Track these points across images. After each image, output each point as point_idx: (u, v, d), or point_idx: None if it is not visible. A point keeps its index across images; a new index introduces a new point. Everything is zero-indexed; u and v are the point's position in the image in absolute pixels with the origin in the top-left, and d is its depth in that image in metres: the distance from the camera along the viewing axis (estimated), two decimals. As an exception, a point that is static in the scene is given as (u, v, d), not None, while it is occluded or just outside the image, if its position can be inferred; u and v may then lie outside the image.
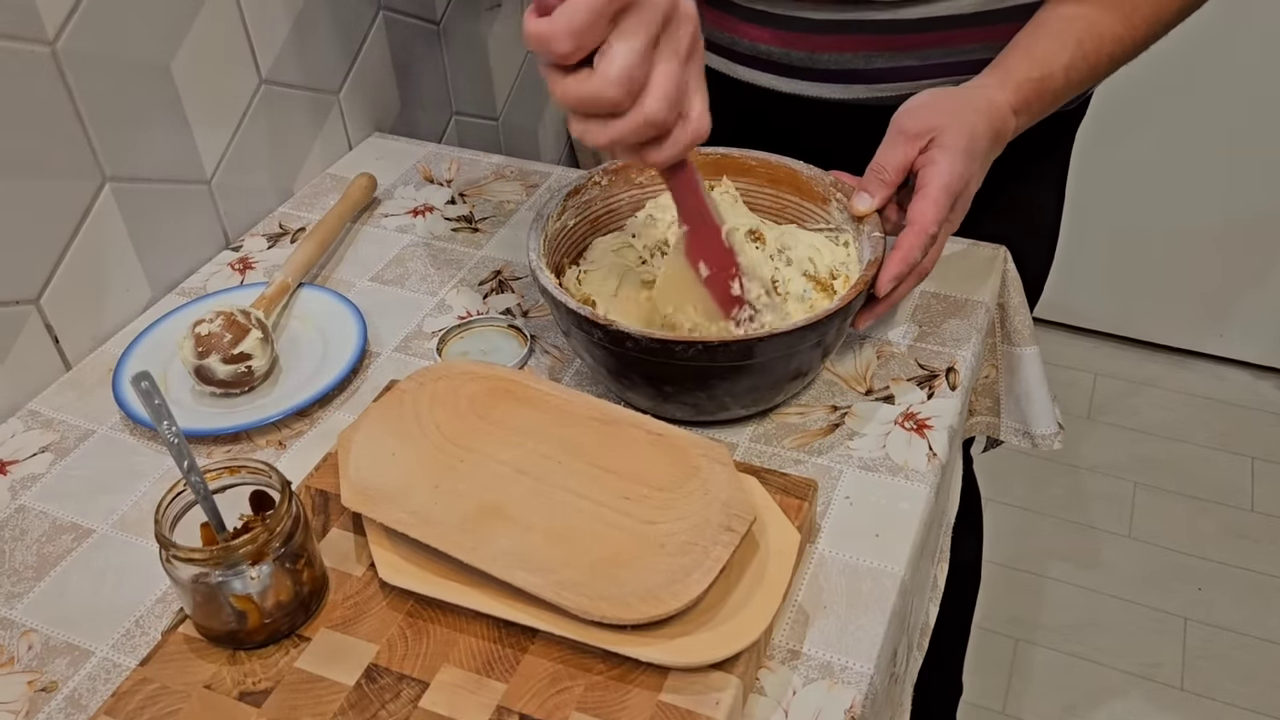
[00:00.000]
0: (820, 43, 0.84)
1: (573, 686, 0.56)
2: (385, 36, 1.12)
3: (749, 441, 0.73)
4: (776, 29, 0.85)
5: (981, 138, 0.72)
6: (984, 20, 0.81)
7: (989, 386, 0.90)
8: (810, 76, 0.87)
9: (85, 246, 0.82)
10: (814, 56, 0.85)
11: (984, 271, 0.87)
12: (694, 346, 0.65)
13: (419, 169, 1.06)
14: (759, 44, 0.87)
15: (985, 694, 1.51)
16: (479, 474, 0.63)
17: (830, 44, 0.84)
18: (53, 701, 0.60)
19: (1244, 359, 2.00)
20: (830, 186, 0.77)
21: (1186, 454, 1.86)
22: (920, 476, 0.70)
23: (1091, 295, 2.03)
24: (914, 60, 0.84)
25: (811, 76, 0.87)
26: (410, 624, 0.59)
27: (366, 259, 0.93)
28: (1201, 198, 1.86)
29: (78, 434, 0.77)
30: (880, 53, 0.84)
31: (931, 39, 0.82)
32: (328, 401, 0.78)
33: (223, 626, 0.58)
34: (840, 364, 0.79)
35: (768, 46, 0.87)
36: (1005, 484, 1.80)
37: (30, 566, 0.67)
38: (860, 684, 0.59)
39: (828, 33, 0.83)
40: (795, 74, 0.88)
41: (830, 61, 0.85)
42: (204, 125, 0.91)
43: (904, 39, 0.82)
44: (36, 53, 0.75)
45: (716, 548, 0.57)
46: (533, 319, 0.86)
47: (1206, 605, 1.62)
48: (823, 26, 0.83)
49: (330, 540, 0.64)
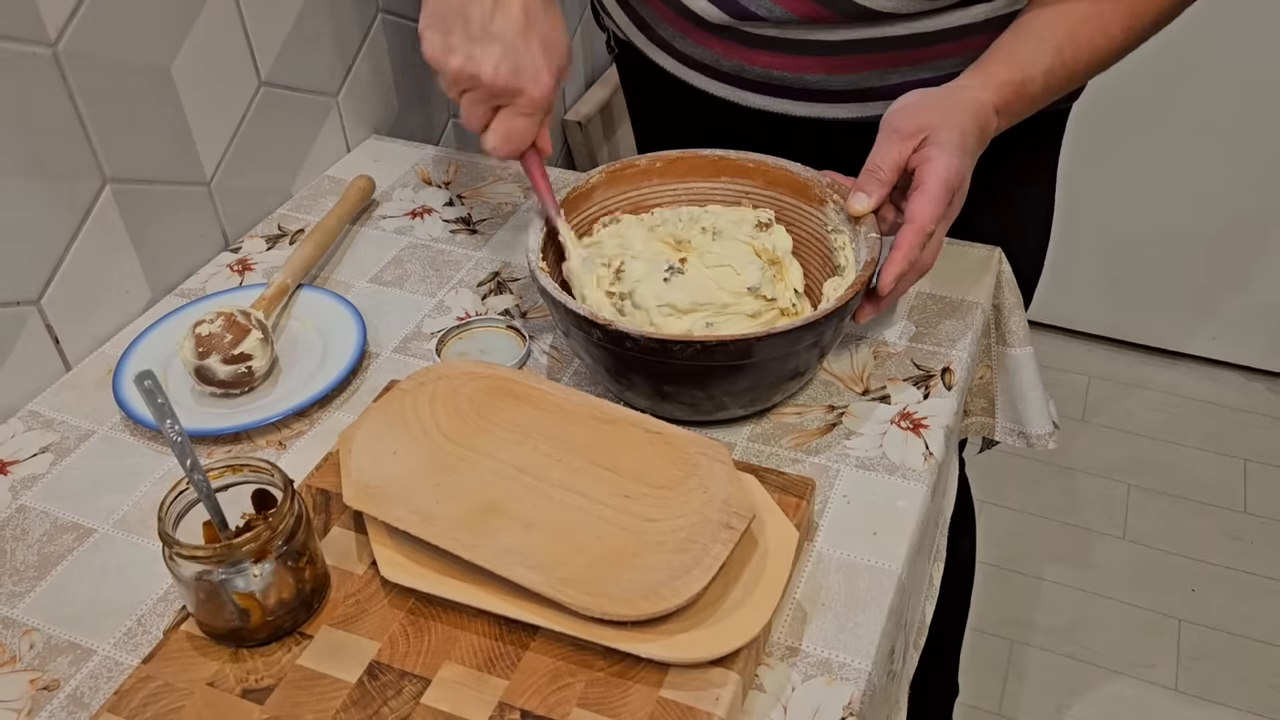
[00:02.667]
0: (835, 64, 0.84)
1: (573, 683, 0.56)
2: (384, 39, 1.13)
3: (747, 441, 0.74)
4: (789, 54, 0.85)
5: (971, 135, 0.73)
6: (994, 27, 0.81)
7: (984, 387, 0.91)
8: (825, 99, 0.87)
9: (85, 247, 0.83)
10: (829, 79, 0.85)
11: (979, 272, 0.87)
12: (692, 346, 0.65)
13: (417, 171, 1.06)
14: (771, 70, 0.86)
15: (981, 695, 1.52)
16: (479, 472, 0.63)
17: (845, 65, 0.84)
18: (55, 700, 0.60)
19: (1236, 361, 2.01)
20: (827, 188, 0.78)
21: (1180, 455, 1.87)
22: (917, 475, 0.71)
23: (1085, 298, 2.04)
24: (928, 73, 0.84)
25: (827, 98, 0.87)
26: (412, 621, 0.60)
27: (365, 260, 0.94)
28: (1194, 201, 1.87)
29: (78, 434, 0.77)
30: (896, 69, 0.84)
31: (945, 50, 0.83)
32: (327, 402, 0.79)
33: (225, 624, 0.58)
34: (837, 364, 0.79)
35: (780, 72, 0.86)
36: (999, 486, 1.81)
37: (31, 566, 0.68)
38: (859, 681, 0.59)
39: (842, 54, 0.83)
40: (810, 97, 0.88)
41: (845, 82, 0.85)
42: (203, 127, 0.92)
43: (919, 52, 0.83)
44: (38, 54, 0.76)
45: (716, 545, 0.58)
46: (531, 320, 0.86)
47: (1200, 606, 1.62)
48: (837, 47, 0.83)
49: (331, 539, 0.65)
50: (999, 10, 0.81)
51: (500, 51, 0.71)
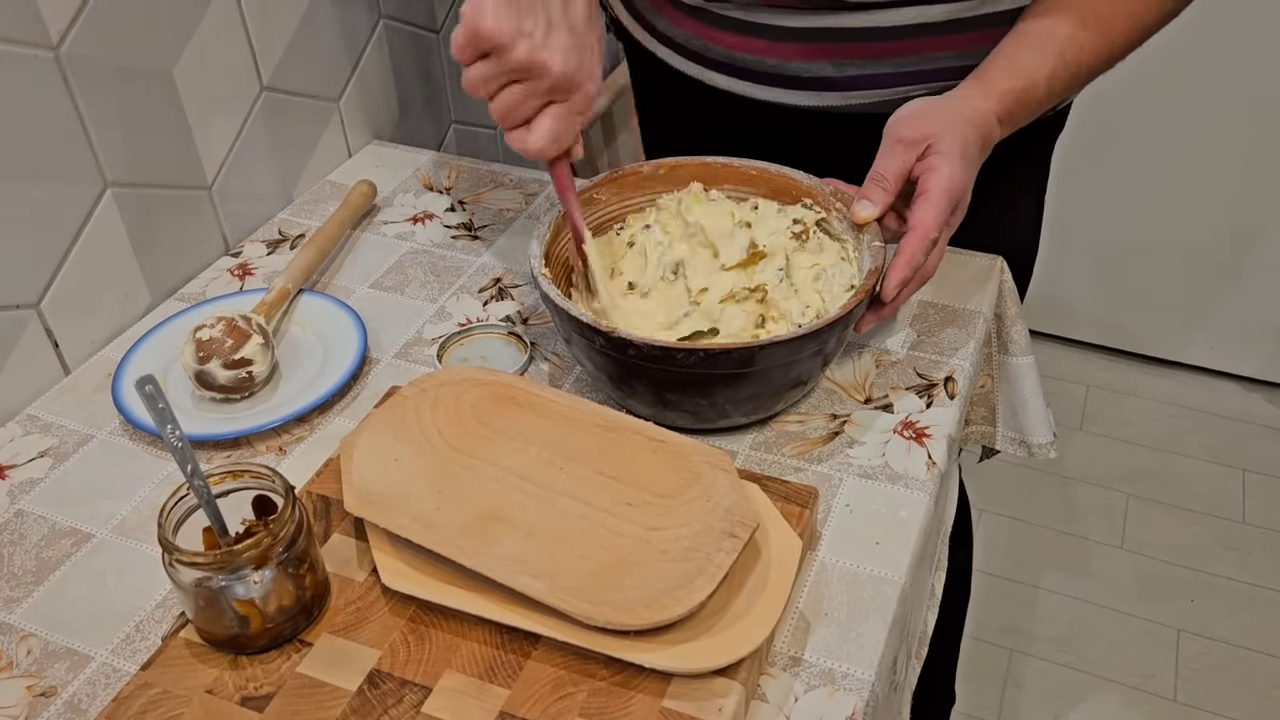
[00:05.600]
0: (792, 50, 0.85)
1: (575, 692, 0.56)
2: (386, 45, 1.12)
3: (749, 449, 0.73)
4: (749, 36, 0.86)
5: (973, 145, 0.73)
6: (954, 29, 0.82)
7: (985, 396, 0.91)
8: (783, 84, 0.88)
9: (86, 251, 0.82)
10: (786, 64, 0.86)
11: (981, 281, 0.87)
12: (695, 354, 0.65)
13: (419, 176, 1.06)
14: (733, 51, 0.87)
15: (979, 704, 1.51)
16: (481, 480, 0.63)
17: (802, 52, 0.84)
18: (52, 706, 0.59)
19: (1235, 372, 2.01)
20: (830, 196, 0.78)
21: (1178, 465, 1.87)
22: (919, 485, 0.71)
23: (1083, 307, 2.04)
24: (886, 68, 0.84)
25: (784, 84, 0.88)
26: (412, 629, 0.59)
27: (366, 266, 0.94)
28: (1193, 210, 1.87)
29: (77, 439, 0.77)
30: (851, 60, 0.84)
31: (902, 47, 0.83)
32: (328, 407, 0.78)
33: (225, 631, 0.58)
34: (839, 372, 0.79)
35: (741, 54, 0.87)
36: (998, 495, 1.80)
37: (29, 571, 0.67)
38: (861, 691, 0.59)
39: (799, 40, 0.84)
40: (768, 81, 0.88)
41: (802, 69, 0.86)
42: (205, 131, 0.91)
43: (874, 46, 0.83)
44: (40, 57, 0.75)
45: (719, 554, 0.57)
46: (532, 326, 0.86)
47: (1199, 616, 1.62)
48: (794, 34, 0.84)
49: (332, 545, 0.64)
50: (961, 13, 0.81)
51: (570, 43, 0.66)
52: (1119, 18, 0.77)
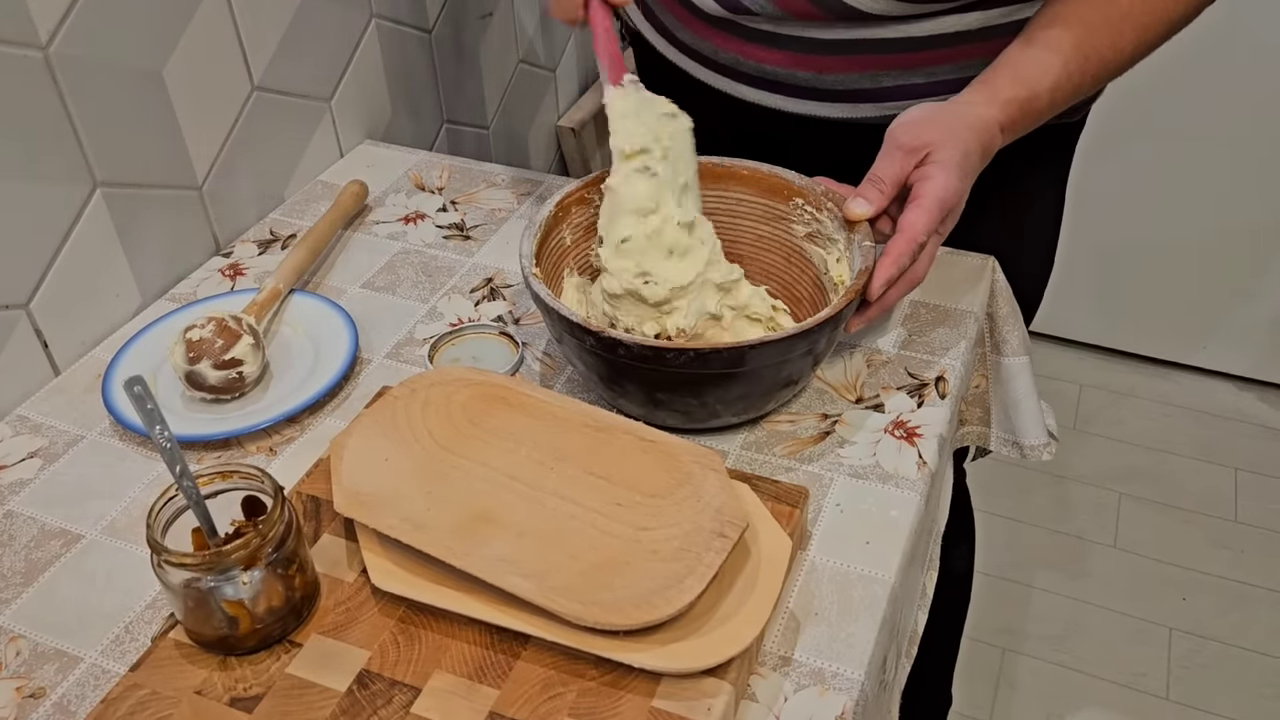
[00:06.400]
0: (827, 63, 0.84)
1: (565, 693, 0.56)
2: (377, 44, 1.12)
3: (740, 449, 0.73)
4: (783, 50, 0.85)
5: (973, 154, 0.73)
6: (987, 36, 0.81)
7: (979, 396, 0.91)
8: (816, 96, 0.87)
9: (76, 251, 0.82)
10: (820, 77, 0.85)
11: (973, 281, 0.87)
12: (685, 353, 0.65)
13: (410, 177, 1.06)
14: (765, 64, 0.87)
15: (972, 703, 1.51)
16: (471, 480, 0.63)
17: (837, 64, 0.84)
18: (41, 707, 0.59)
19: (1228, 371, 2.02)
20: (821, 195, 0.78)
21: (1171, 465, 1.87)
22: (910, 484, 0.71)
23: (1078, 307, 2.05)
24: (920, 78, 0.84)
25: (818, 96, 0.87)
26: (402, 630, 0.59)
27: (357, 266, 0.93)
28: (1188, 211, 1.87)
29: (66, 439, 0.77)
30: (887, 71, 0.84)
31: (938, 56, 0.83)
32: (319, 408, 0.78)
33: (214, 632, 0.57)
34: (830, 372, 0.79)
35: (774, 67, 0.86)
36: (992, 494, 1.81)
37: (18, 572, 0.67)
38: (851, 690, 0.59)
39: (834, 53, 0.84)
40: (801, 94, 0.88)
41: (836, 82, 0.85)
42: (196, 131, 0.91)
43: (911, 57, 0.83)
44: (29, 57, 0.75)
45: (709, 554, 0.57)
46: (524, 326, 0.86)
47: (1191, 615, 1.63)
48: (830, 46, 0.83)
49: (322, 546, 0.64)
50: (995, 20, 0.81)
51: None
52: (1127, 29, 0.76)
